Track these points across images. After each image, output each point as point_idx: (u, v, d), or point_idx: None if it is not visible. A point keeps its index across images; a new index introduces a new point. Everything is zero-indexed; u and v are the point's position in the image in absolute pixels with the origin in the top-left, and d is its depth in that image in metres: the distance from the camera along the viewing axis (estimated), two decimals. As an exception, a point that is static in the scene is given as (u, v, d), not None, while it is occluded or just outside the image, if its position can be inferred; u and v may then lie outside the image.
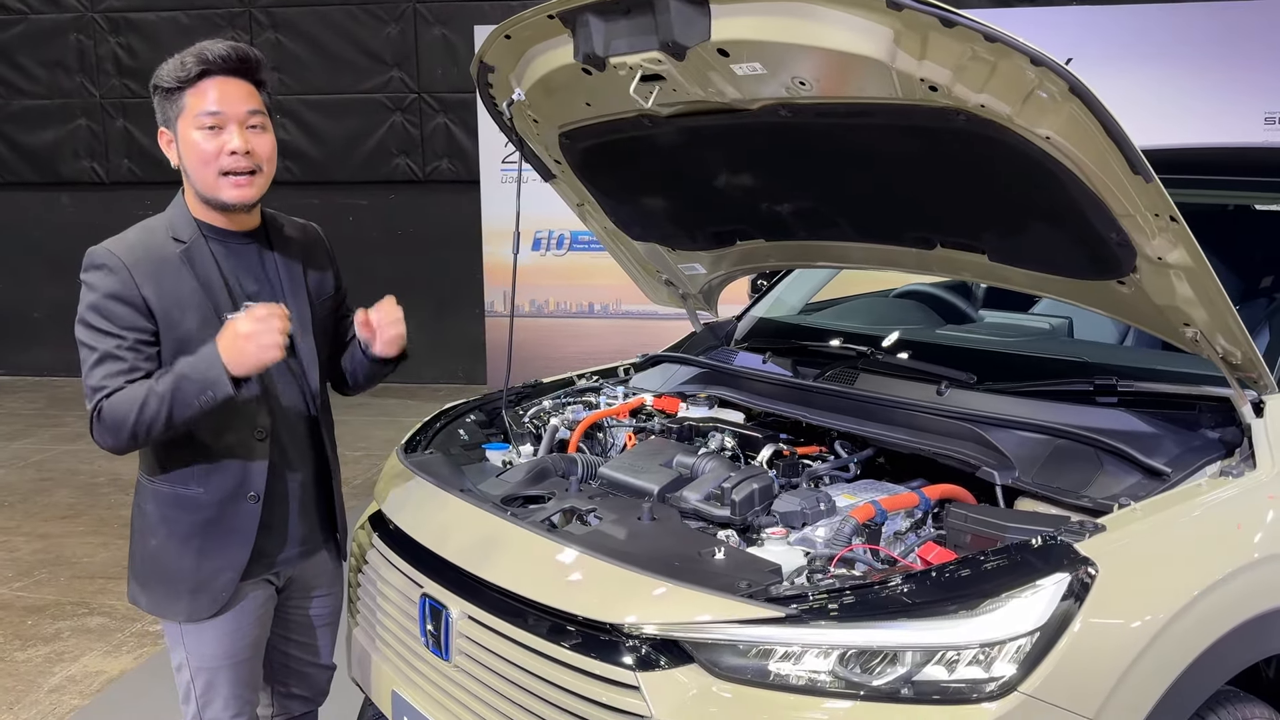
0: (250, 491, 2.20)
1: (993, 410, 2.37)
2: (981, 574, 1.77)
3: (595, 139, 2.73)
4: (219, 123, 2.11)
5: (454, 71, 8.34)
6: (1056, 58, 1.73)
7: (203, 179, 2.15)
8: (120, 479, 6.28)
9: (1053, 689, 1.68)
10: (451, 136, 8.44)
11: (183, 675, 2.29)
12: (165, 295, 2.11)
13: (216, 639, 2.25)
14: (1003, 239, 2.31)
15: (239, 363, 2.00)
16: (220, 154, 2.12)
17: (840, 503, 2.31)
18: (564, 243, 7.58)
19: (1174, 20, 6.95)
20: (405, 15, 8.45)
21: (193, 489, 2.19)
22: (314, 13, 8.59)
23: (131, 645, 4.10)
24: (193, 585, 2.21)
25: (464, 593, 2.11)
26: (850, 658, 1.73)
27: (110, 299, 2.08)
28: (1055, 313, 3.18)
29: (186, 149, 2.14)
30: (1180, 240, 1.91)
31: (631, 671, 1.80)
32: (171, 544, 2.21)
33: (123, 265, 2.09)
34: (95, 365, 2.07)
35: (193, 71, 2.10)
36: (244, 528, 2.21)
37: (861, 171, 2.37)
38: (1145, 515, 1.92)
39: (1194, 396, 2.25)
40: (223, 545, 2.20)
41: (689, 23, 2.08)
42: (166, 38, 8.72)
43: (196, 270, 2.16)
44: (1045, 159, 1.91)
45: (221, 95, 2.11)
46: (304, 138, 8.54)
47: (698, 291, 3.35)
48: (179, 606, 2.23)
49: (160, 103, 2.17)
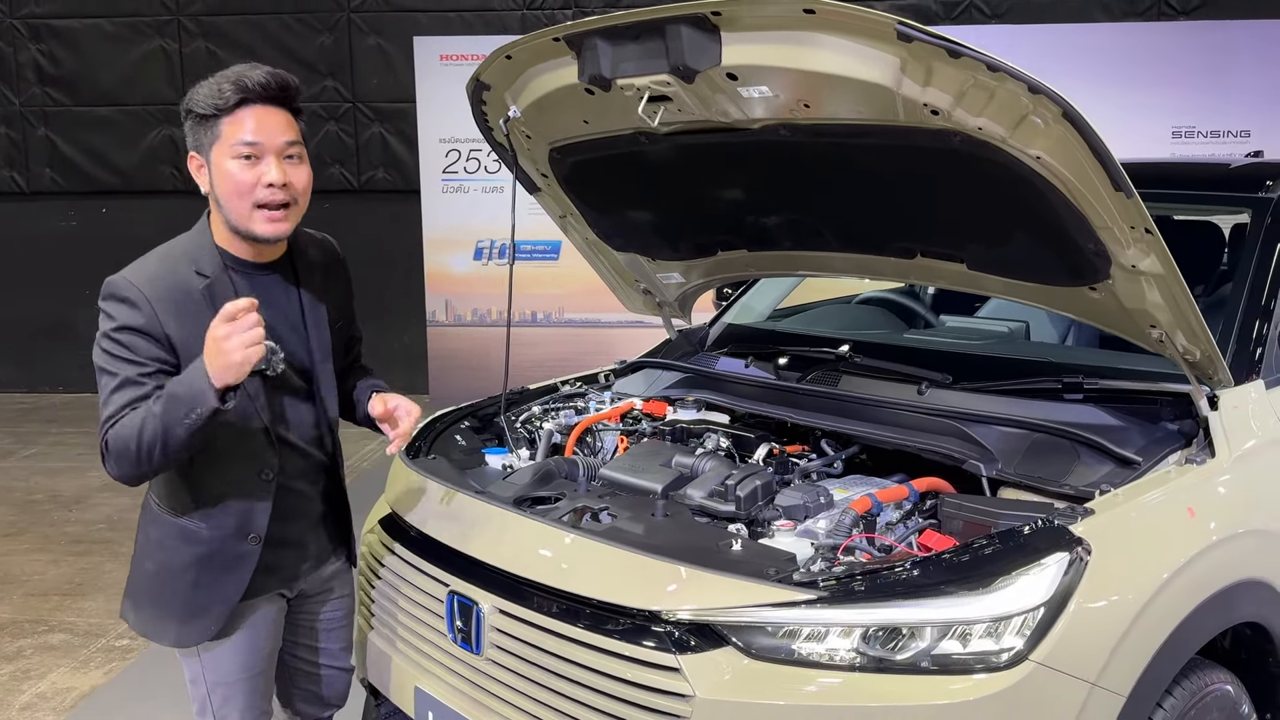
0: (251, 533, 2.19)
1: (972, 408, 2.56)
2: (990, 555, 1.93)
3: (587, 154, 2.84)
4: (256, 153, 2.07)
5: (390, 81, 8.35)
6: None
7: (236, 210, 2.10)
8: (59, 495, 6.17)
9: (1059, 657, 1.86)
10: (388, 146, 8.44)
11: (199, 689, 2.31)
12: (187, 331, 2.06)
13: (232, 655, 2.28)
14: (984, 249, 2.50)
15: (223, 367, 1.91)
16: (256, 185, 2.07)
17: (836, 497, 2.47)
18: (505, 252, 7.66)
19: (1086, 40, 7.35)
20: (339, 25, 8.44)
21: (195, 523, 2.17)
22: (245, 21, 8.52)
23: (99, 661, 4.07)
24: (182, 614, 2.21)
25: (496, 588, 2.20)
26: (873, 635, 1.89)
27: (131, 331, 2.05)
28: (1010, 316, 3.41)
29: (220, 178, 2.08)
30: (1153, 249, 2.11)
31: (672, 654, 1.92)
32: (167, 571, 2.21)
33: (146, 300, 2.05)
34: (114, 391, 2.03)
35: (231, 100, 2.05)
36: (241, 567, 2.20)
37: (853, 186, 2.53)
38: (1127, 500, 2.11)
39: (1156, 392, 2.46)
40: (217, 580, 2.19)
41: (700, 48, 2.21)
42: (90, 45, 8.57)
43: (218, 306, 2.00)
44: (1034, 177, 2.09)
45: (259, 125, 2.06)
46: (235, 147, 8.48)
47: (674, 299, 3.49)
48: (167, 630, 2.24)
49: (192, 127, 2.12)
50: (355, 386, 2.53)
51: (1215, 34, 7.38)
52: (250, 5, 8.48)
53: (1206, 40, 7.35)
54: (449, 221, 7.70)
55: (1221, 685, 2.22)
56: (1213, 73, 7.31)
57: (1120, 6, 7.90)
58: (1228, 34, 7.32)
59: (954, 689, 1.82)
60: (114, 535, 5.48)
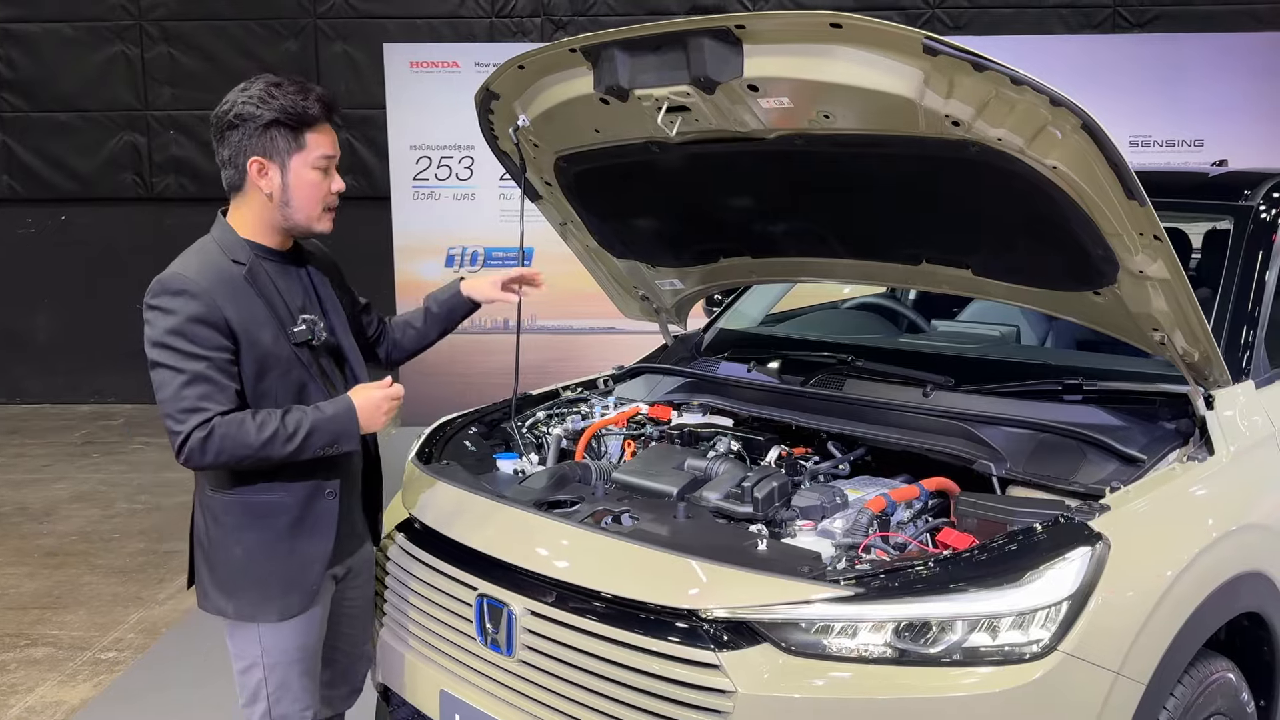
0: (328, 489, 2.36)
1: (976, 409, 2.63)
2: (1016, 551, 2.01)
3: (594, 163, 2.88)
4: (330, 165, 2.36)
5: (357, 88, 8.32)
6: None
7: (307, 211, 2.35)
8: (28, 508, 6.06)
9: (1085, 647, 1.93)
10: (356, 153, 8.40)
11: (253, 675, 2.38)
12: (243, 315, 2.25)
13: (295, 634, 2.37)
14: (991, 255, 2.57)
15: (369, 423, 2.29)
16: (328, 193, 2.36)
17: (850, 497, 2.53)
18: (477, 259, 7.65)
19: (1045, 52, 7.53)
20: (306, 31, 8.39)
21: (276, 494, 2.31)
22: (209, 27, 8.44)
23: (87, 674, 4.02)
24: (284, 585, 2.33)
25: (527, 591, 2.24)
26: (905, 630, 1.95)
27: (194, 322, 2.20)
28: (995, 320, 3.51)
29: (300, 184, 2.31)
30: (1161, 255, 2.19)
31: (712, 651, 1.97)
32: (260, 549, 2.33)
33: (204, 290, 2.21)
34: (185, 386, 2.18)
35: (318, 115, 2.31)
36: (326, 523, 2.37)
37: (865, 195, 2.59)
38: (1139, 496, 2.20)
39: (1154, 393, 2.56)
40: (310, 542, 2.35)
41: (723, 60, 2.26)
42: (50, 50, 8.45)
43: (259, 289, 2.30)
44: (1048, 186, 2.17)
45: (333, 142, 2.37)
46: (198, 153, 8.38)
47: (671, 306, 3.53)
48: (272, 607, 2.33)
49: (258, 133, 2.26)
50: (411, 318, 2.83)
51: (1168, 46, 7.59)
52: (214, 10, 8.42)
53: (1160, 52, 7.56)
54: (420, 228, 7.67)
55: (1224, 674, 2.31)
56: (1167, 84, 7.52)
57: (1077, 19, 8.12)
58: (1180, 46, 7.53)
59: (990, 679, 1.88)
60: (89, 547, 5.41)
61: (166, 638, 4.31)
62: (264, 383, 2.28)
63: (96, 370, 8.60)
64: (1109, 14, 8.11)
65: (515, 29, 8.39)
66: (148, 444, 7.45)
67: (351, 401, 2.28)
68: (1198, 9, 8.06)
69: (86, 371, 8.64)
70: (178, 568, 5.08)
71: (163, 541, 5.48)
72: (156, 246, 8.94)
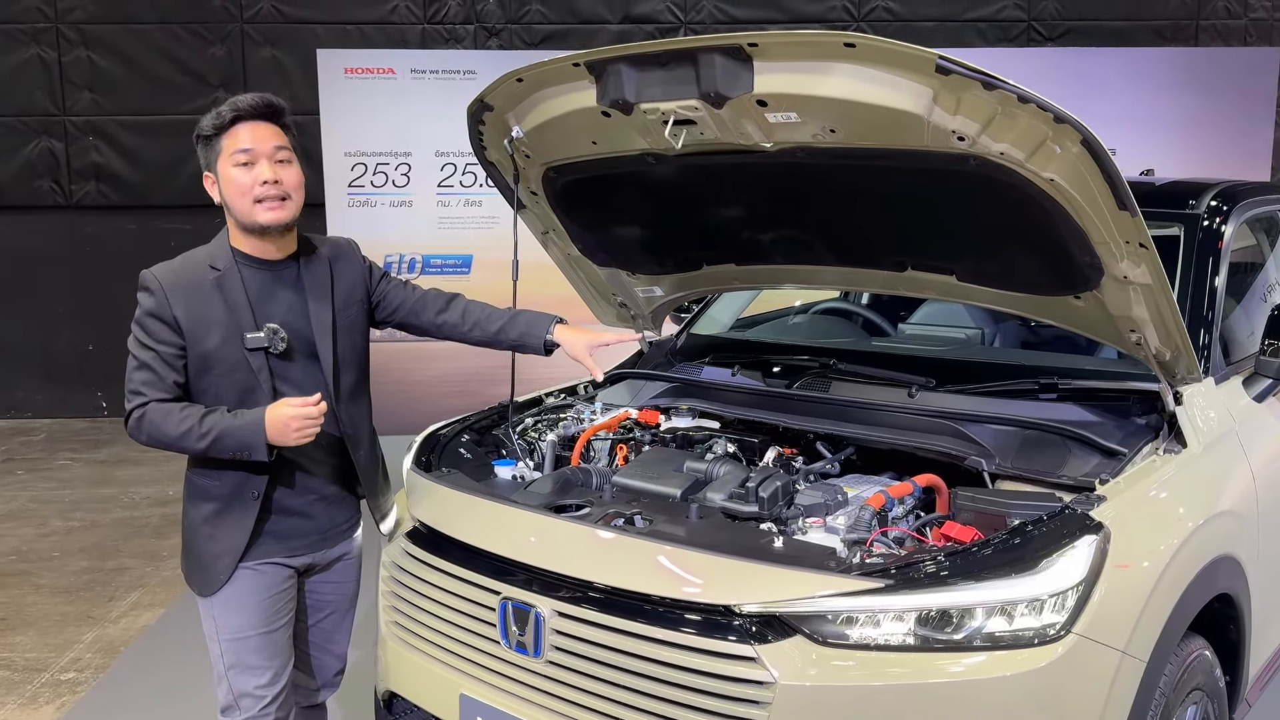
0: (253, 491, 2.51)
1: (961, 408, 2.77)
2: (1026, 541, 2.13)
3: (584, 174, 2.94)
4: (251, 159, 2.43)
5: (286, 94, 8.17)
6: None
7: (241, 208, 2.46)
8: (-44, 527, 5.84)
9: (1096, 629, 2.06)
10: (285, 160, 8.26)
11: (213, 650, 2.57)
12: (193, 316, 2.43)
13: (232, 612, 2.54)
14: (977, 262, 2.70)
15: (280, 437, 2.39)
16: (254, 185, 2.43)
17: (849, 495, 2.63)
18: (415, 266, 7.61)
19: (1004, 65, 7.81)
20: (232, 35, 8.24)
21: (211, 480, 2.53)
22: (129, 30, 8.23)
23: (48, 695, 3.92)
24: (202, 564, 2.55)
25: (555, 593, 2.28)
26: (928, 618, 2.05)
27: (148, 316, 2.44)
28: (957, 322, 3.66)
29: (226, 184, 2.46)
30: (1145, 261, 2.35)
31: (749, 645, 2.05)
32: (193, 524, 2.57)
33: (160, 288, 2.43)
34: (136, 370, 2.44)
35: (226, 118, 2.43)
36: (241, 522, 2.51)
37: (858, 204, 2.70)
38: (1128, 487, 2.34)
39: (1128, 390, 2.72)
40: (224, 533, 2.52)
41: (732, 76, 2.35)
42: (-41, 52, 8.14)
43: (225, 294, 2.46)
44: (1043, 197, 2.30)
45: (252, 135, 2.44)
46: (120, 160, 8.13)
47: (648, 312, 3.60)
48: (195, 578, 2.57)
49: (203, 150, 2.49)
50: (485, 319, 2.83)
51: (1080, 60, 7.94)
52: (135, 14, 8.21)
53: (1073, 65, 7.90)
54: (356, 235, 7.51)
55: (1201, 651, 2.48)
56: (1079, 96, 7.85)
57: (994, 33, 8.44)
58: (1090, 60, 7.89)
59: (1013, 662, 2.00)
60: (29, 567, 5.24)
61: (126, 656, 4.22)
62: (205, 379, 2.45)
63: (14, 384, 8.31)
64: (1024, 28, 8.46)
65: (448, 35, 8.37)
66: (74, 459, 7.23)
67: (263, 415, 2.39)
68: (1107, 24, 8.46)
69: (3, 386, 8.35)
70: (126, 585, 4.97)
71: (106, 559, 5.34)
72: (75, 256, 8.86)
